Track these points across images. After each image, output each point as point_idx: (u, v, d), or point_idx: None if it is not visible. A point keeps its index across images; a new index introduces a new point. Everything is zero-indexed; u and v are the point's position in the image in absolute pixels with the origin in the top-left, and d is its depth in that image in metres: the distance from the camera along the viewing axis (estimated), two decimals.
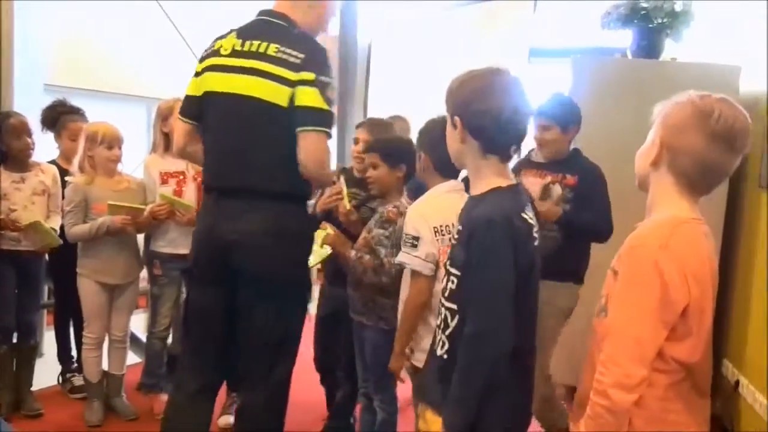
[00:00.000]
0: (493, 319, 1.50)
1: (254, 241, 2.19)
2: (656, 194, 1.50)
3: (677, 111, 1.45)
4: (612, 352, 1.39)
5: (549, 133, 2.97)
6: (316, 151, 2.12)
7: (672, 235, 1.39)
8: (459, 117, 1.61)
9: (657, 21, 3.59)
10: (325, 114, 2.11)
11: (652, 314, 1.36)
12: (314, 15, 2.25)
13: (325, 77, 2.10)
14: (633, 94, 2.37)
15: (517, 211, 1.57)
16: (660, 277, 1.35)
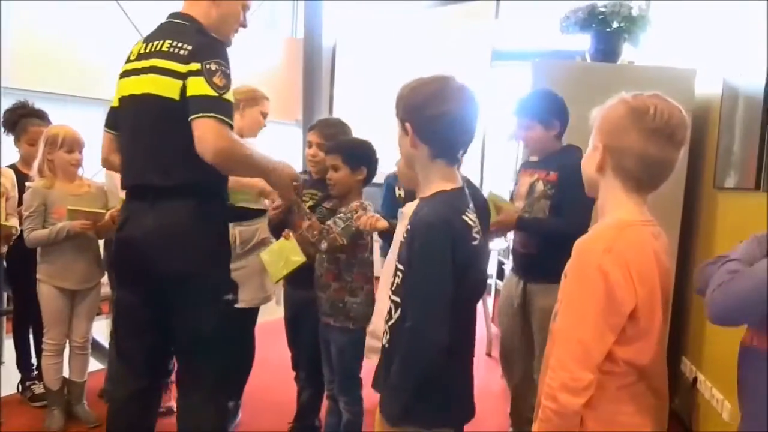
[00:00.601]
0: (430, 315, 1.56)
1: (157, 240, 2.15)
2: (606, 198, 1.51)
3: (612, 113, 1.45)
4: (560, 355, 1.40)
5: (532, 132, 2.96)
6: (209, 137, 2.03)
7: (617, 238, 1.40)
8: (409, 122, 1.65)
9: (614, 25, 3.65)
10: (213, 100, 2.05)
11: (598, 318, 1.37)
12: (215, 15, 2.26)
13: (211, 64, 2.07)
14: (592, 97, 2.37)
15: (458, 213, 1.62)
16: (604, 281, 1.36)
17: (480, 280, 1.72)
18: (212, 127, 2.03)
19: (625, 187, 1.47)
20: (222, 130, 2.04)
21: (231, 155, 2.08)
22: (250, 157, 2.17)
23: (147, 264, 2.18)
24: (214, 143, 2.03)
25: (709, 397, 3.09)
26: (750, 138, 2.84)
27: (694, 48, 3.93)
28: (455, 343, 1.61)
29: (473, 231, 1.64)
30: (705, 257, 3.44)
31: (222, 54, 2.13)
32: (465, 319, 1.68)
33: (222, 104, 2.06)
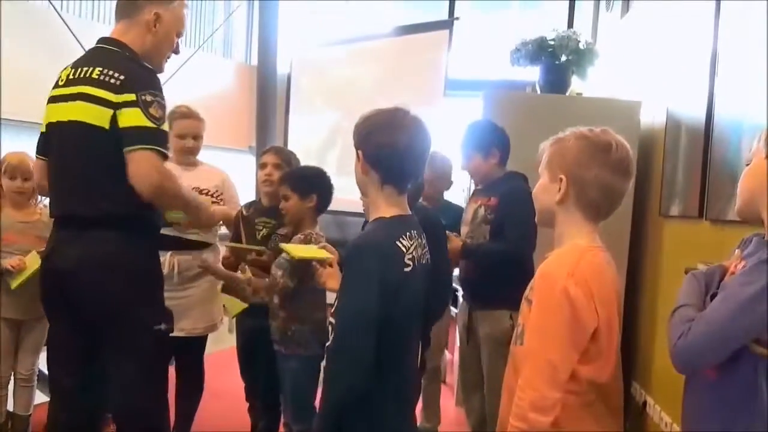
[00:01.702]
0: (352, 337, 1.61)
1: (83, 272, 2.09)
2: (565, 227, 1.58)
3: (576, 148, 1.54)
4: (529, 376, 1.46)
5: (473, 162, 3.07)
6: (144, 170, 2.00)
7: (579, 262, 1.48)
8: (361, 149, 1.72)
9: (563, 58, 3.76)
10: (150, 131, 2.02)
11: (564, 338, 1.44)
12: (150, 43, 2.22)
13: (146, 95, 2.04)
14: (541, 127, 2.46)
15: (391, 238, 1.68)
16: (569, 303, 1.43)
17: (414, 305, 1.75)
18: (151, 159, 2.01)
19: (585, 216, 1.56)
20: (159, 162, 2.03)
21: (165, 189, 2.06)
22: (182, 192, 2.17)
23: (73, 295, 2.12)
24: (152, 177, 2.00)
25: (658, 420, 3.15)
26: (693, 167, 2.94)
27: (639, 80, 4.07)
28: (387, 365, 1.65)
29: (406, 257, 1.69)
30: (652, 283, 3.54)
31: (156, 84, 2.11)
32: (399, 342, 1.71)
33: (159, 135, 2.05)
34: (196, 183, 3.03)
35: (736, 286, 1.29)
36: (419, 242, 1.78)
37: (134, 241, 2.13)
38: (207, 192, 3.12)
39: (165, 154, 2.06)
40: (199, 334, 3.08)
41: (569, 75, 3.84)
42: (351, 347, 1.61)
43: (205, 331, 3.14)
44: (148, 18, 2.19)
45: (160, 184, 2.02)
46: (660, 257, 3.47)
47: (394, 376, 1.72)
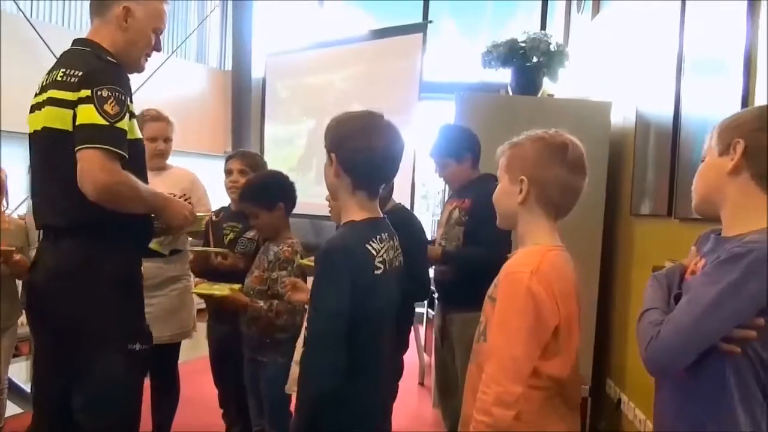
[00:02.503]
0: (324, 340, 1.63)
1: (54, 284, 2.00)
2: (527, 227, 1.62)
3: (533, 150, 1.58)
4: (492, 372, 1.49)
5: (447, 169, 3.10)
6: (91, 170, 1.85)
7: (541, 261, 1.51)
8: (334, 154, 1.72)
9: (534, 60, 3.80)
10: (102, 128, 1.86)
11: (528, 335, 1.47)
12: (123, 40, 2.09)
13: (103, 90, 1.89)
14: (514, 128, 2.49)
15: (361, 242, 1.69)
16: (533, 301, 1.47)
17: (386, 307, 1.76)
18: (97, 159, 1.85)
19: (546, 215, 1.60)
20: (108, 162, 1.86)
21: (114, 191, 1.89)
22: (138, 193, 1.98)
23: (47, 309, 2.03)
24: (96, 177, 1.85)
25: (633, 417, 3.18)
26: (661, 167, 2.98)
27: (610, 81, 4.12)
28: (360, 366, 1.66)
29: (376, 260, 1.70)
30: (624, 281, 3.58)
31: (117, 78, 1.95)
32: (371, 343, 1.72)
33: (113, 133, 1.88)
34: (162, 187, 3.01)
35: (700, 287, 1.31)
36: (391, 245, 1.79)
37: (108, 251, 1.98)
38: (173, 195, 3.10)
39: (118, 153, 1.88)
40: (166, 342, 3.05)
41: (540, 77, 3.88)
42: (324, 350, 1.63)
43: (172, 339, 3.11)
44: (118, 13, 2.08)
45: (105, 186, 1.86)
46: (631, 256, 3.51)
47: (367, 378, 1.73)
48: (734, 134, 1.37)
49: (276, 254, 2.68)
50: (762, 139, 1.34)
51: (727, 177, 1.38)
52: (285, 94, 7.33)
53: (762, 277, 1.25)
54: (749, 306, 1.27)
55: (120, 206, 1.94)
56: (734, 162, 1.36)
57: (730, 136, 1.38)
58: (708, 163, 1.44)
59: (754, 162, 1.35)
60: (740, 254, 1.27)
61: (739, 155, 1.35)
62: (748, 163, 1.35)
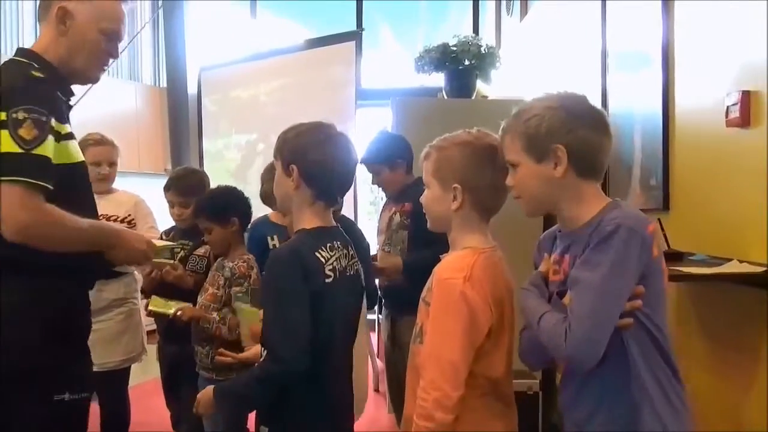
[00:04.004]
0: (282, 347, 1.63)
1: None
2: (460, 230, 1.63)
3: (463, 156, 1.59)
4: (431, 376, 1.50)
5: (381, 176, 3.11)
6: (6, 210, 1.61)
7: (474, 265, 1.53)
8: (296, 165, 1.71)
9: (466, 63, 3.87)
10: (17, 158, 1.61)
11: (464, 339, 1.49)
12: (65, 47, 1.83)
13: (18, 112, 1.63)
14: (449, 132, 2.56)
15: (311, 249, 1.70)
16: (467, 306, 1.49)
17: (341, 316, 1.77)
18: (14, 195, 1.60)
19: (480, 218, 1.63)
20: (27, 198, 1.61)
21: (37, 231, 1.64)
22: (69, 230, 1.71)
23: None
24: (15, 217, 1.61)
25: None
26: None
27: (540, 79, 4.22)
28: (313, 373, 1.65)
29: (326, 268, 1.70)
30: None
31: (33, 96, 1.68)
32: (324, 349, 1.70)
33: (30, 161, 1.62)
34: (106, 210, 2.95)
35: (587, 274, 1.37)
36: (343, 253, 1.79)
37: (38, 289, 1.74)
38: (116, 218, 3.05)
39: (39, 185, 1.63)
40: (111, 369, 2.98)
41: (473, 79, 3.95)
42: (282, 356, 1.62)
43: (120, 365, 3.05)
44: (55, 15, 1.80)
45: (25, 226, 1.62)
46: None
47: (323, 388, 1.73)
48: (548, 141, 1.43)
49: (231, 270, 2.65)
50: (577, 138, 1.42)
51: (558, 180, 1.44)
52: (220, 109, 7.27)
53: (636, 247, 1.34)
54: (634, 276, 1.36)
55: (48, 246, 1.69)
56: (563, 167, 1.42)
57: (544, 143, 1.44)
58: (529, 173, 1.48)
59: (576, 161, 1.42)
60: (611, 232, 1.34)
61: (565, 160, 1.42)
62: (572, 164, 1.42)
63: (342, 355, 1.83)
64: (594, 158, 1.45)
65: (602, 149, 1.46)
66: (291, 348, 1.62)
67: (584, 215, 1.44)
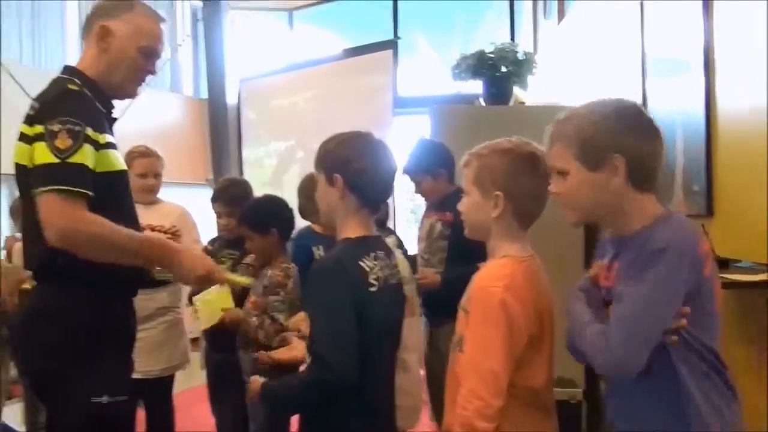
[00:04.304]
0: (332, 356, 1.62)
1: (21, 329, 1.92)
2: (500, 238, 1.63)
3: (504, 163, 1.59)
4: (472, 385, 1.50)
5: (423, 185, 3.12)
6: (45, 216, 1.68)
7: (514, 274, 1.54)
8: (340, 174, 1.73)
9: (503, 69, 3.85)
10: (53, 168, 1.69)
11: (504, 347, 1.49)
12: (104, 64, 1.91)
13: (54, 124, 1.70)
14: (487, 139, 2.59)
15: (355, 258, 1.71)
16: (506, 314, 1.49)
17: (385, 325, 1.78)
18: (52, 203, 1.68)
19: (519, 227, 1.62)
20: (62, 205, 1.68)
21: (77, 236, 1.70)
22: (106, 237, 1.74)
23: (19, 353, 1.97)
24: (54, 223, 1.68)
25: None
26: None
27: (579, 83, 4.18)
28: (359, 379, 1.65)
29: (370, 277, 1.71)
30: None
31: (71, 108, 1.76)
32: (370, 359, 1.71)
33: (66, 171, 1.69)
34: (151, 220, 3.02)
35: (631, 290, 1.36)
36: (386, 263, 1.80)
37: (78, 295, 1.80)
38: (161, 229, 3.10)
39: (77, 191, 1.69)
40: (155, 377, 3.05)
41: (510, 85, 3.93)
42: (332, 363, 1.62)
43: (162, 373, 3.11)
44: (97, 33, 1.90)
45: (64, 231, 1.68)
46: None
47: (366, 396, 1.73)
48: (604, 150, 1.40)
49: (269, 278, 2.69)
50: (634, 147, 1.40)
51: (612, 191, 1.41)
52: (259, 119, 7.37)
53: (683, 268, 1.33)
54: (679, 296, 1.34)
55: (90, 253, 1.74)
56: (621, 178, 1.40)
57: (600, 151, 1.41)
58: (580, 182, 1.45)
59: (632, 171, 1.40)
60: (660, 250, 1.33)
61: (623, 170, 1.40)
62: (628, 174, 1.40)
63: (385, 364, 1.84)
64: (650, 168, 1.42)
65: (658, 158, 1.43)
66: (340, 356, 1.61)
67: (635, 224, 1.42)
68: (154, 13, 2.00)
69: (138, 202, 2.23)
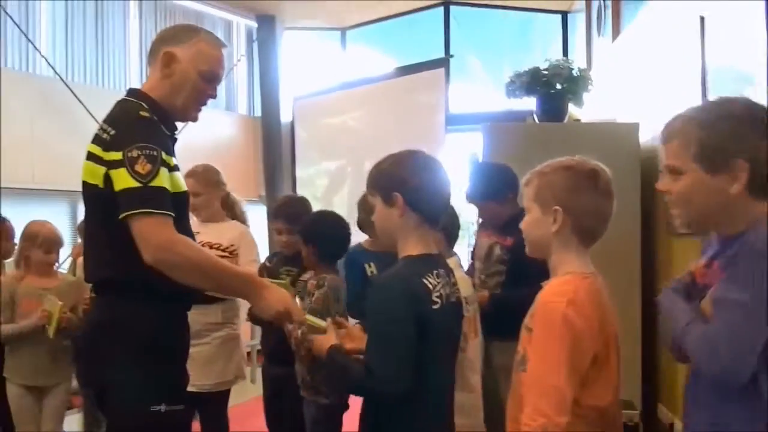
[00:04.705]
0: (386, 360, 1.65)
1: (87, 339, 2.01)
2: (561, 255, 1.62)
3: (563, 179, 1.59)
4: (536, 403, 1.47)
5: (489, 211, 3.07)
6: (145, 237, 1.77)
7: (577, 290, 1.52)
8: (399, 192, 1.75)
9: (558, 87, 3.82)
10: (138, 192, 1.78)
11: (567, 363, 1.47)
12: (168, 88, 1.99)
13: (132, 151, 1.79)
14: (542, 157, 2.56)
15: (419, 275, 1.72)
16: (570, 330, 1.47)
17: (446, 342, 1.77)
18: (146, 225, 1.77)
19: (580, 243, 1.61)
20: (158, 226, 1.78)
21: (173, 258, 1.79)
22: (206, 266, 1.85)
23: (82, 363, 2.06)
24: (152, 243, 1.77)
25: None
26: None
27: (635, 101, 4.12)
28: (420, 400, 1.67)
29: (433, 294, 1.72)
30: None
31: (143, 134, 1.85)
32: (432, 377, 1.72)
33: (149, 193, 1.79)
34: (208, 238, 3.09)
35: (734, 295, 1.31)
36: (447, 281, 1.80)
37: (136, 308, 1.89)
38: (218, 246, 3.15)
39: (167, 214, 1.80)
40: (208, 390, 3.08)
41: (565, 102, 3.89)
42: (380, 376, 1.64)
43: (213, 388, 3.13)
44: (162, 59, 1.98)
45: (162, 251, 1.78)
46: (672, 275, 3.45)
47: (426, 411, 1.74)
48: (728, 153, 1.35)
49: (305, 286, 2.81)
50: (759, 152, 1.34)
51: (729, 197, 1.36)
52: (312, 136, 7.45)
53: None
54: None
55: (177, 275, 1.82)
56: (742, 184, 1.35)
57: (723, 154, 1.36)
58: (696, 183, 1.40)
59: (752, 178, 1.35)
60: (762, 252, 1.28)
61: (745, 177, 1.35)
62: (749, 182, 1.35)
63: (445, 381, 1.84)
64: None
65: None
66: (388, 371, 1.64)
67: (740, 226, 1.38)
68: (217, 39, 2.08)
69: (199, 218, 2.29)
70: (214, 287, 1.92)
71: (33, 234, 3.29)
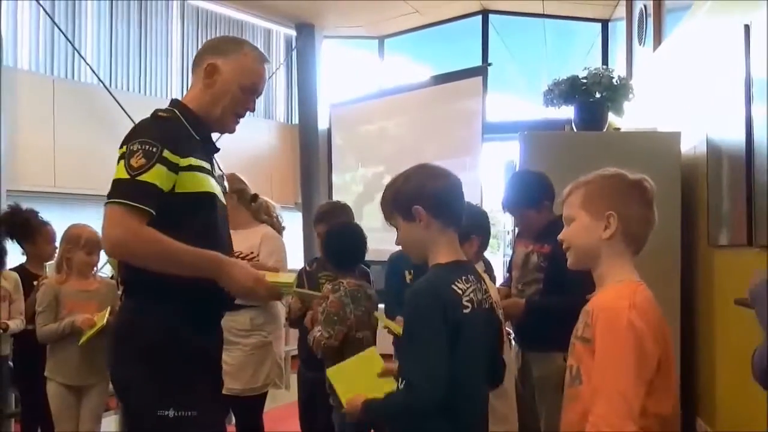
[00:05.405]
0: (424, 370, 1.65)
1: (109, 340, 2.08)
2: (610, 263, 1.59)
3: (613, 186, 1.58)
4: (602, 411, 1.43)
5: (527, 220, 3.04)
6: (105, 226, 1.78)
7: (635, 295, 1.50)
8: (418, 204, 1.76)
9: (597, 95, 3.77)
10: (122, 183, 1.79)
11: (633, 370, 1.43)
12: (208, 99, 2.01)
13: (134, 144, 1.82)
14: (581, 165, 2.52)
15: (447, 283, 1.72)
16: (635, 335, 1.44)
17: (479, 347, 1.77)
18: (112, 214, 1.78)
19: (629, 251, 1.59)
20: (121, 216, 1.76)
21: (131, 249, 1.79)
22: (161, 253, 1.81)
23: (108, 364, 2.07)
24: (112, 234, 1.78)
25: None
26: (737, 194, 2.90)
27: (677, 110, 4.05)
28: (452, 407, 1.66)
29: (463, 299, 1.72)
30: (707, 315, 3.46)
31: (152, 132, 1.86)
32: (465, 382, 1.71)
33: (133, 187, 1.78)
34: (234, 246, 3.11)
35: None
36: (478, 286, 1.80)
37: (152, 310, 1.87)
38: (239, 254, 3.09)
39: (139, 208, 1.77)
40: (236, 394, 3.09)
41: (605, 111, 3.83)
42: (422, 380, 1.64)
43: (242, 393, 3.13)
44: (204, 70, 2.00)
45: (118, 243, 1.78)
46: (712, 288, 3.40)
47: (460, 418, 1.73)
48: None
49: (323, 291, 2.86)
50: None
51: None
52: (349, 144, 7.48)
53: None
54: None
55: (142, 264, 1.82)
56: None
57: None
58: None
59: None
60: None
61: None
62: None
63: (479, 386, 1.83)
64: None
65: None
66: (429, 383, 1.63)
67: None
68: (261, 54, 2.10)
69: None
70: (179, 269, 1.83)
71: (75, 236, 3.36)
